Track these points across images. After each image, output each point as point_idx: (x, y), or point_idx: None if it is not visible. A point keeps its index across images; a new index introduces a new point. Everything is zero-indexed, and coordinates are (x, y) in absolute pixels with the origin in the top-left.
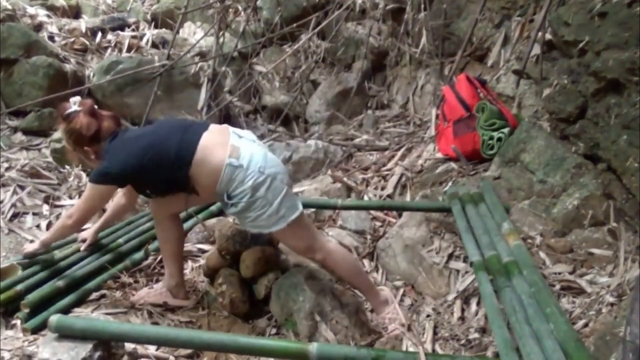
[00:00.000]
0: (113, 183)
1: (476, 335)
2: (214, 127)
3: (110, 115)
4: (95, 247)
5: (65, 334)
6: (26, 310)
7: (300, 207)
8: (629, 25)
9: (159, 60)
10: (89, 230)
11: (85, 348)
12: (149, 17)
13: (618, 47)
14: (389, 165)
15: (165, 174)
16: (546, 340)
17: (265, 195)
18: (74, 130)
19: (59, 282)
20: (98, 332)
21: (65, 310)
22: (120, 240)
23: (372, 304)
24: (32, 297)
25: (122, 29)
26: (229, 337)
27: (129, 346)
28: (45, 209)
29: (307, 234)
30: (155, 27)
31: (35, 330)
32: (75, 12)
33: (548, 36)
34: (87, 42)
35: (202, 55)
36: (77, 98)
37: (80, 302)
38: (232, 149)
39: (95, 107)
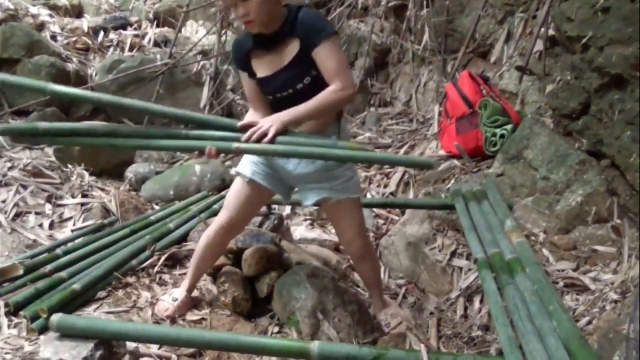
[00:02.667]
0: None
1: (479, 333)
2: None
3: None
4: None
5: (67, 334)
6: (44, 316)
7: None
8: (633, 21)
9: (162, 59)
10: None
11: (87, 347)
12: (151, 16)
13: (622, 42)
14: None
15: None
16: (549, 338)
17: None
18: None
19: (76, 286)
20: (99, 332)
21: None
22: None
23: (375, 302)
24: (50, 302)
25: (125, 28)
26: (231, 336)
27: (131, 345)
28: (48, 208)
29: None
30: (158, 26)
31: (43, 331)
32: (77, 12)
33: (551, 32)
34: (90, 42)
35: (205, 53)
36: None
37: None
38: None
39: None
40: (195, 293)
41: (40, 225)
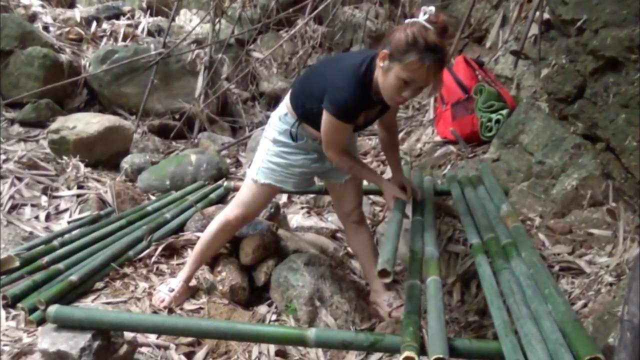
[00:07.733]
0: None
1: (476, 317)
2: None
3: None
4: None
5: (64, 324)
6: (42, 307)
7: None
8: (627, 2)
9: (155, 49)
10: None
11: (84, 338)
12: (144, 5)
13: (616, 24)
14: None
15: None
16: (544, 322)
17: None
18: None
19: (73, 277)
20: (96, 322)
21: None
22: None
23: (373, 287)
24: (47, 293)
25: (118, 18)
26: (227, 324)
27: (129, 335)
28: (44, 200)
29: None
30: (151, 15)
31: (41, 323)
32: (69, 2)
33: (546, 15)
34: (82, 32)
35: (199, 42)
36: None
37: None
38: None
39: None
40: (193, 282)
41: (36, 217)
